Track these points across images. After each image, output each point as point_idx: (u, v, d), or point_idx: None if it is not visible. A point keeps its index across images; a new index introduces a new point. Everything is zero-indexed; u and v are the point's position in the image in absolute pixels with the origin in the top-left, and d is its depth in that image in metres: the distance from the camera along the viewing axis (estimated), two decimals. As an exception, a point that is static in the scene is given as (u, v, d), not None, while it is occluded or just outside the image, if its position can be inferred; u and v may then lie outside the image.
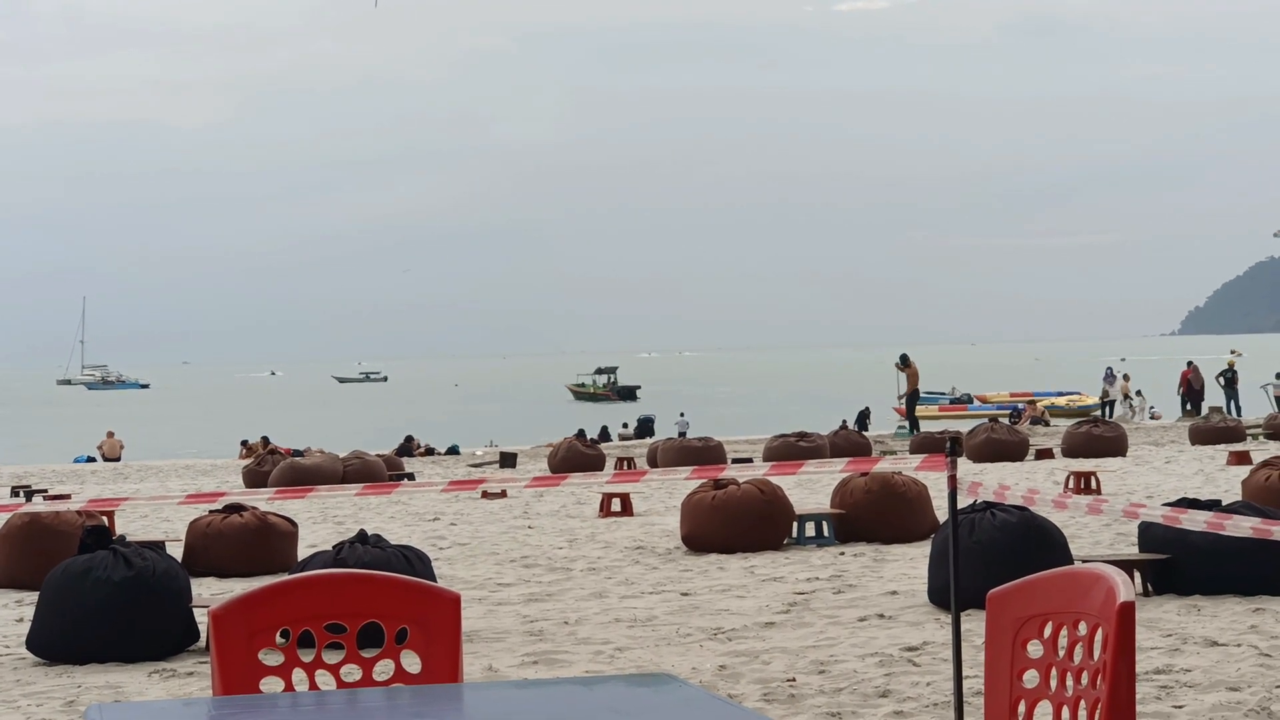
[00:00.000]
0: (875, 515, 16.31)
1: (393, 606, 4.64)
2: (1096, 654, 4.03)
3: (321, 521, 20.80)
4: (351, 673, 4.60)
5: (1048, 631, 4.23)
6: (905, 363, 42.54)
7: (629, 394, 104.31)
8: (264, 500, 17.31)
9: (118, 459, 47.25)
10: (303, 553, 15.45)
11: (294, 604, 4.62)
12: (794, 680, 9.16)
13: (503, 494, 23.56)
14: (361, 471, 28.75)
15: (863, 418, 51.34)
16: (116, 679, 9.81)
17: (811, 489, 22.66)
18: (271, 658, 4.53)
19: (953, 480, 6.55)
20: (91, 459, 47.99)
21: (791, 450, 30.43)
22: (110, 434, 50.26)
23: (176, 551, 15.14)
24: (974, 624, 10.07)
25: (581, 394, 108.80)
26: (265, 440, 41.33)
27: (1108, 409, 53.90)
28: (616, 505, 20.37)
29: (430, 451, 43.52)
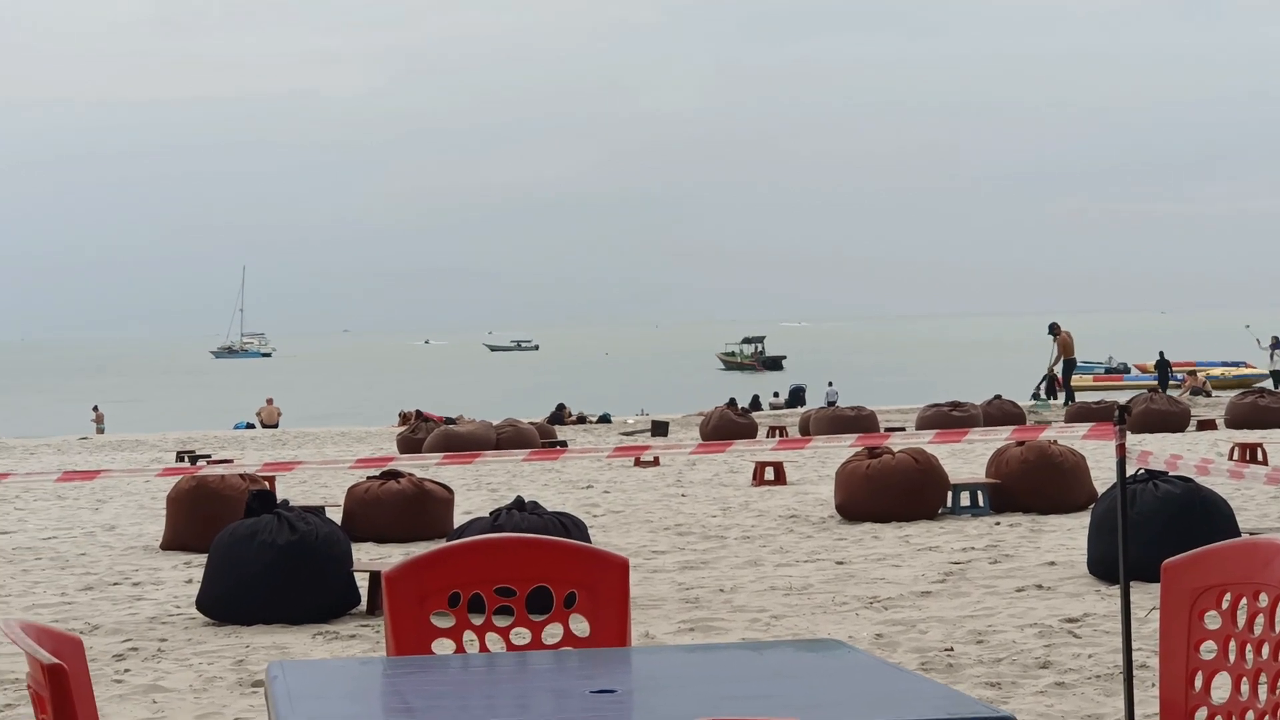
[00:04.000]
0: (1031, 485, 16.11)
1: (561, 571, 4.68)
2: (1278, 627, 3.95)
3: (475, 488, 21.03)
4: (520, 635, 4.65)
5: (1225, 603, 4.15)
6: (1055, 331, 41.92)
7: (774, 364, 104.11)
8: (428, 467, 17.56)
9: (275, 425, 48.16)
10: (458, 519, 15.63)
11: (464, 568, 4.68)
12: (952, 650, 9.09)
13: (655, 462, 23.64)
14: (514, 439, 29.00)
15: (1051, 384, 50.42)
16: (282, 640, 10.02)
17: (965, 458, 22.44)
18: (442, 620, 4.59)
19: (1121, 449, 6.43)
20: (250, 425, 48.96)
21: (945, 419, 30.15)
22: (269, 401, 51.26)
23: (336, 516, 15.41)
24: (1136, 596, 9.92)
25: (731, 363, 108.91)
26: (418, 412, 41.84)
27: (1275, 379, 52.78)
28: (770, 474, 20.32)
29: (582, 420, 43.76)
